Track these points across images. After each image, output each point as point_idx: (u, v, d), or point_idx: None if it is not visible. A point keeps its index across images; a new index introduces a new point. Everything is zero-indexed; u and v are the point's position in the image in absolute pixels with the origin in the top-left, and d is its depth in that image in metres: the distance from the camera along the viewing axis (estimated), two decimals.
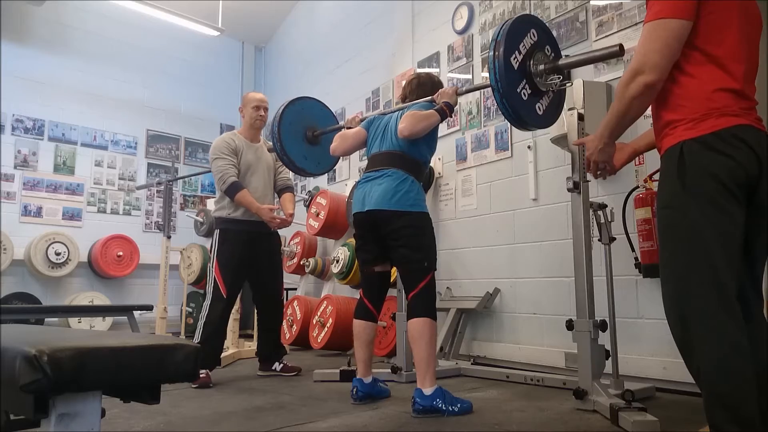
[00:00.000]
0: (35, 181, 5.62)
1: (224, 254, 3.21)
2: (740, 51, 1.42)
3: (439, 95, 2.51)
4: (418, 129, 2.40)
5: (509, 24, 2.04)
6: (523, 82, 2.06)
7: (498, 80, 1.98)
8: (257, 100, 3.40)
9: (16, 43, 5.58)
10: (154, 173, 6.36)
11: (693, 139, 1.38)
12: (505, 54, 1.98)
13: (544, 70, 2.08)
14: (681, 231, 1.39)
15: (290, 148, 3.07)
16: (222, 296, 3.15)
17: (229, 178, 3.17)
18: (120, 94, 6.22)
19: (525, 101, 2.05)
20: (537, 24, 2.17)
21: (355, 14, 5.59)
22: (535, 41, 2.10)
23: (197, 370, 1.11)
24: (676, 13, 1.39)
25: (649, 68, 1.40)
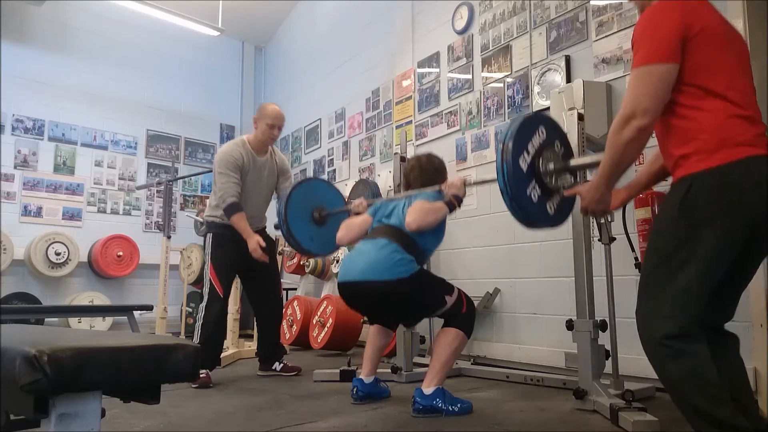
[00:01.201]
0: (35, 181, 5.62)
1: (218, 256, 3.23)
2: (738, 80, 1.45)
3: (447, 186, 2.45)
4: (427, 223, 2.33)
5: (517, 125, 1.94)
6: (533, 183, 1.96)
7: (506, 183, 1.89)
8: (273, 118, 3.29)
9: (16, 43, 5.58)
10: (154, 173, 6.36)
11: (705, 170, 1.37)
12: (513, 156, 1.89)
13: (554, 170, 1.98)
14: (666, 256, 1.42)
15: (297, 231, 3.04)
16: (219, 296, 3.15)
17: (228, 198, 3.15)
18: (120, 94, 6.22)
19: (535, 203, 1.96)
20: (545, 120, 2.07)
21: (355, 14, 5.59)
22: (544, 139, 2.01)
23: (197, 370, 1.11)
24: (661, 57, 1.41)
25: (640, 113, 1.41)
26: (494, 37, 3.96)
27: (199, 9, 5.92)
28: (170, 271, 4.73)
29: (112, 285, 5.90)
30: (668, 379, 1.41)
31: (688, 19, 1.42)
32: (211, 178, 7.07)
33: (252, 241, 3.16)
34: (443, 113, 4.33)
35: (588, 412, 2.27)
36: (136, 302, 4.92)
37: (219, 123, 7.06)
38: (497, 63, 3.92)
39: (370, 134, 5.18)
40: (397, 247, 2.30)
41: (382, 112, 5.04)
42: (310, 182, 3.32)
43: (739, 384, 1.37)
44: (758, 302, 2.36)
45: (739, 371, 1.40)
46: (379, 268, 2.26)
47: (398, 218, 2.44)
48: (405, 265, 2.27)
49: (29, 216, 5.53)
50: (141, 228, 6.22)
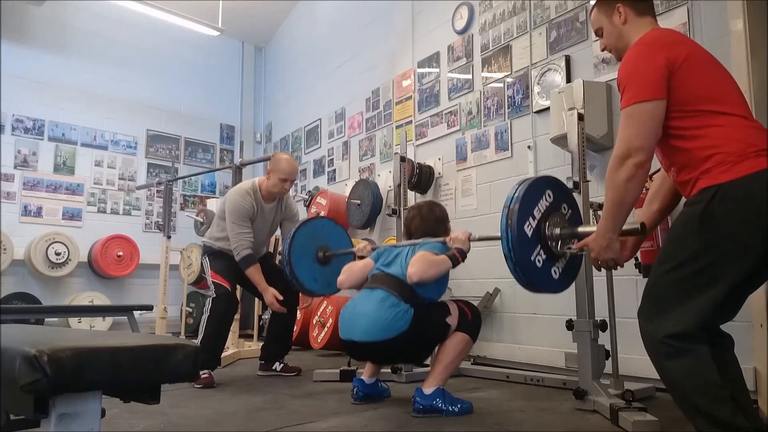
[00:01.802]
0: (35, 181, 5.61)
1: (218, 264, 3.26)
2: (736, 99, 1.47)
3: (451, 240, 2.44)
4: (428, 276, 2.31)
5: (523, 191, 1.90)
6: (538, 248, 1.92)
7: (511, 249, 1.86)
8: (286, 173, 3.27)
9: (16, 43, 5.58)
10: (154, 173, 6.36)
11: (731, 182, 1.36)
12: (518, 222, 1.85)
13: (560, 235, 1.95)
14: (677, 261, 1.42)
15: (300, 272, 3.02)
16: (227, 290, 3.15)
17: (243, 251, 3.18)
18: (120, 94, 6.22)
19: (539, 268, 1.91)
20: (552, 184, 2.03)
21: (355, 14, 5.59)
22: (551, 202, 1.97)
23: (197, 370, 1.11)
24: (648, 95, 1.44)
25: (635, 150, 1.44)
26: (494, 37, 3.96)
27: (199, 9, 5.92)
28: (170, 271, 4.73)
29: (112, 285, 5.90)
30: (669, 379, 1.41)
31: (670, 53, 1.46)
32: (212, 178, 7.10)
33: (268, 295, 3.20)
34: (443, 113, 4.33)
35: (588, 412, 2.27)
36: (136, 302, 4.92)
37: (219, 123, 7.06)
38: (497, 63, 3.92)
39: (370, 134, 5.18)
40: (395, 300, 2.28)
41: (382, 112, 5.05)
42: (315, 221, 3.28)
43: (737, 384, 1.37)
44: (758, 302, 2.36)
45: (736, 371, 1.40)
46: (379, 328, 2.25)
47: (400, 267, 2.41)
48: (402, 317, 2.25)
49: (29, 216, 5.53)
50: (141, 228, 6.22)
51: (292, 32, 6.90)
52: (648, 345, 1.47)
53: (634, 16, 1.64)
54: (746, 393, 1.39)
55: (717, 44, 2.60)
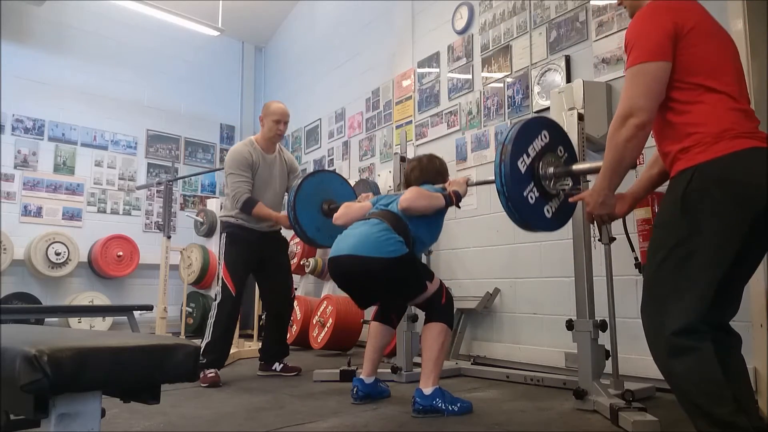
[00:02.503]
0: (35, 181, 5.61)
1: (232, 255, 3.23)
2: (732, 76, 1.47)
3: (450, 183, 2.48)
4: (419, 205, 2.33)
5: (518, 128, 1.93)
6: (531, 186, 1.96)
7: (503, 184, 1.89)
8: (278, 114, 3.33)
9: (16, 43, 5.58)
10: (154, 173, 6.36)
11: (707, 162, 1.38)
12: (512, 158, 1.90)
13: (554, 174, 1.98)
14: (669, 251, 1.42)
15: (304, 220, 3.04)
16: (231, 294, 3.16)
17: (242, 196, 3.18)
18: (120, 94, 6.22)
19: (532, 205, 1.95)
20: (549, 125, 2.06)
21: (355, 14, 5.59)
22: (547, 143, 2.00)
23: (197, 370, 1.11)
24: (654, 56, 1.44)
25: (637, 111, 1.44)
26: (494, 37, 3.96)
27: (199, 9, 5.92)
28: (170, 271, 4.72)
29: (112, 285, 5.90)
30: (672, 376, 1.40)
31: (678, 18, 1.45)
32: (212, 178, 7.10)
33: (284, 220, 3.19)
34: (443, 113, 4.33)
35: (588, 412, 2.27)
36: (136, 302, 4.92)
37: (219, 123, 7.06)
38: (497, 63, 3.92)
39: (370, 134, 5.18)
40: (387, 227, 2.31)
41: (382, 112, 5.04)
42: (323, 174, 3.32)
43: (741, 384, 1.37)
44: (758, 302, 2.36)
45: (741, 371, 1.39)
46: (368, 245, 2.26)
47: (393, 204, 2.47)
48: (394, 245, 2.26)
49: (29, 216, 5.53)
50: (141, 228, 6.22)
51: (292, 32, 6.90)
52: (651, 342, 1.46)
53: None
54: (750, 393, 1.39)
55: None
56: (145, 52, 6.45)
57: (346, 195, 3.28)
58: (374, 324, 2.65)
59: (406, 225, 2.35)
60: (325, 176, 3.31)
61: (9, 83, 5.43)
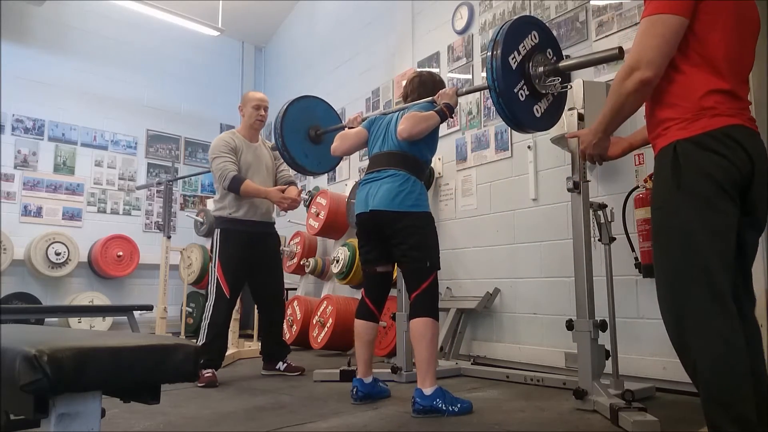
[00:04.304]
0: (35, 181, 5.61)
1: (226, 254, 3.21)
2: (733, 52, 1.43)
3: (439, 96, 2.50)
4: (418, 130, 2.39)
5: (509, 24, 2.01)
6: (521, 83, 2.03)
7: (495, 80, 1.96)
8: (257, 99, 3.38)
9: (16, 43, 5.58)
10: (154, 173, 6.36)
11: (686, 139, 1.39)
12: (503, 54, 1.96)
13: (543, 72, 2.05)
14: (674, 231, 1.40)
15: (292, 145, 3.05)
16: (225, 296, 3.15)
17: (229, 174, 3.15)
18: (120, 94, 6.22)
19: (522, 102, 2.02)
20: (539, 25, 2.14)
21: (355, 14, 5.59)
22: (536, 43, 2.07)
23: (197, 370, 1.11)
24: (674, 9, 1.39)
25: (645, 64, 1.40)
26: None
27: (199, 9, 5.92)
28: (170, 271, 4.73)
29: (112, 285, 5.90)
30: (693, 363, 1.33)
31: None
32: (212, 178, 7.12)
33: (274, 194, 3.19)
34: None
35: (588, 412, 2.27)
36: (136, 302, 4.92)
37: (219, 123, 7.05)
38: None
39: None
40: (405, 175, 2.43)
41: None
42: (307, 99, 3.27)
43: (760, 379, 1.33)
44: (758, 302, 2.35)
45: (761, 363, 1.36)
46: (394, 198, 2.39)
47: (392, 135, 2.53)
48: (419, 197, 2.43)
49: (29, 216, 5.53)
50: (141, 228, 6.22)
51: (292, 32, 6.90)
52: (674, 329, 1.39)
53: None
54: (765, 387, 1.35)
55: None
56: (145, 52, 6.45)
57: (331, 119, 3.30)
58: (357, 322, 2.62)
59: (413, 157, 2.48)
60: (310, 102, 3.27)
61: (9, 83, 5.43)
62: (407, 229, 2.41)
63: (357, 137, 2.68)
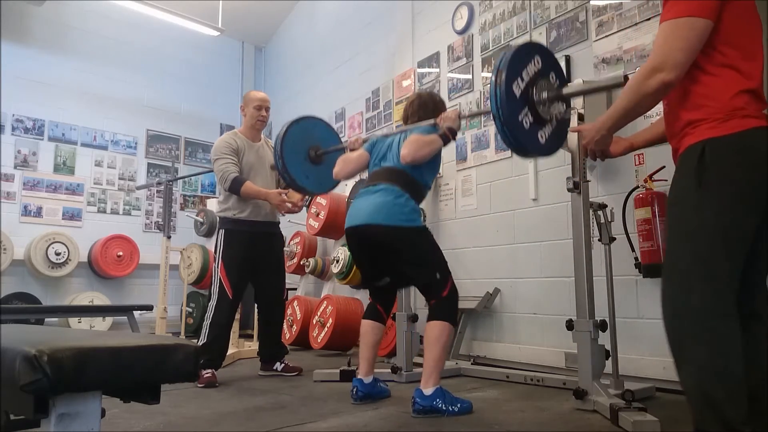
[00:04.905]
0: (35, 181, 5.62)
1: (229, 254, 3.21)
2: (755, 52, 1.43)
3: (441, 119, 2.46)
4: (421, 155, 2.36)
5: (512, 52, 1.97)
6: (525, 110, 1.99)
7: (499, 108, 1.92)
8: (259, 99, 3.37)
9: (16, 43, 5.58)
10: (154, 173, 6.36)
11: (717, 137, 1.36)
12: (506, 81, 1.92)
13: (547, 98, 2.01)
14: (689, 228, 1.38)
15: (292, 167, 3.03)
16: (227, 296, 3.15)
17: (230, 175, 3.16)
18: (120, 94, 6.22)
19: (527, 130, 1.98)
20: (541, 50, 2.10)
21: (355, 14, 5.59)
22: (539, 68, 2.03)
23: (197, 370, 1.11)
24: (702, 12, 1.37)
25: (670, 66, 1.37)
26: (494, 37, 3.96)
27: (199, 9, 5.92)
28: (170, 271, 4.73)
29: (112, 285, 5.90)
30: (688, 362, 1.33)
31: None
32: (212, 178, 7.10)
33: (274, 197, 3.18)
34: None
35: (588, 412, 2.27)
36: (136, 302, 4.92)
37: (219, 123, 7.06)
38: None
39: (371, 134, 5.18)
40: (399, 191, 2.38)
41: (382, 112, 5.05)
42: (307, 120, 3.25)
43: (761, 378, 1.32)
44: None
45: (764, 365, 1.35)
46: (385, 213, 2.34)
47: (394, 156, 2.49)
48: (410, 213, 2.36)
49: (29, 216, 5.53)
50: (141, 228, 6.22)
51: (292, 32, 6.90)
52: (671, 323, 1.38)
53: None
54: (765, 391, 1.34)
55: None
56: (145, 52, 6.45)
57: (331, 139, 3.28)
58: (364, 322, 2.64)
59: (412, 178, 2.43)
60: (309, 122, 3.25)
61: (9, 83, 5.43)
62: (403, 246, 2.36)
63: (358, 161, 2.65)
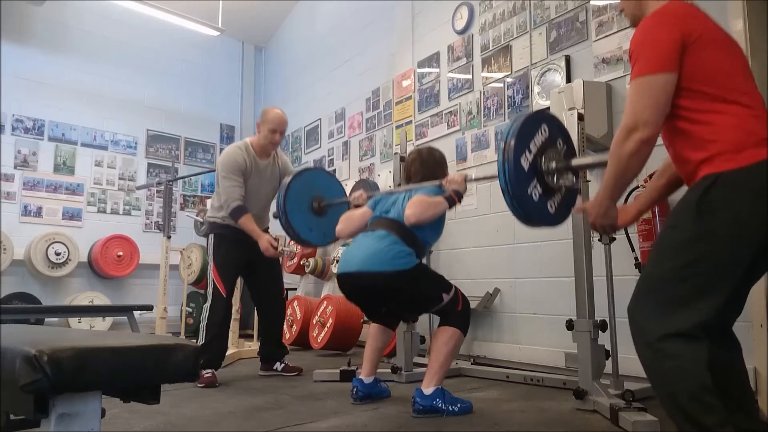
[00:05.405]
0: (35, 181, 5.61)
1: (221, 256, 3.24)
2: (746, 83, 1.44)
3: (447, 182, 2.44)
4: (426, 217, 2.33)
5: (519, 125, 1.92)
6: (534, 182, 1.94)
7: (508, 182, 1.88)
8: (275, 123, 3.26)
9: (16, 43, 5.58)
10: (154, 173, 6.36)
11: (733, 170, 1.34)
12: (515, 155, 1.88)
13: (555, 169, 1.97)
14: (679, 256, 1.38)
15: (295, 221, 3.02)
16: (222, 296, 3.17)
17: (233, 203, 3.15)
18: (120, 94, 6.22)
19: (536, 202, 1.94)
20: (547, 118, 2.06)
21: (355, 14, 5.59)
22: (547, 137, 1.99)
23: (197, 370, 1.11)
24: (662, 67, 1.40)
25: (642, 125, 1.40)
26: (494, 37, 3.96)
27: (199, 9, 5.92)
28: (170, 271, 4.72)
29: (112, 285, 5.90)
30: (660, 378, 1.37)
31: (684, 26, 1.42)
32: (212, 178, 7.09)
33: (263, 241, 3.16)
34: (443, 113, 4.33)
35: (588, 412, 2.27)
36: (136, 302, 4.92)
37: (219, 123, 7.06)
38: (497, 63, 3.92)
39: (370, 134, 5.18)
40: (395, 239, 2.32)
41: (382, 112, 5.05)
42: (309, 172, 3.28)
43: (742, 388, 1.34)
44: (758, 302, 2.36)
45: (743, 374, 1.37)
46: (378, 260, 2.27)
47: (397, 212, 2.44)
48: (404, 257, 2.29)
49: (29, 216, 5.53)
50: (141, 228, 6.22)
51: (292, 32, 6.90)
52: (641, 341, 1.42)
53: None
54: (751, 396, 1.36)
55: None
56: (145, 52, 6.45)
57: (334, 190, 3.27)
58: (374, 325, 2.66)
59: (412, 233, 2.36)
60: (312, 173, 3.27)
61: (9, 83, 5.43)
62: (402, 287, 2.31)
63: (362, 219, 2.60)
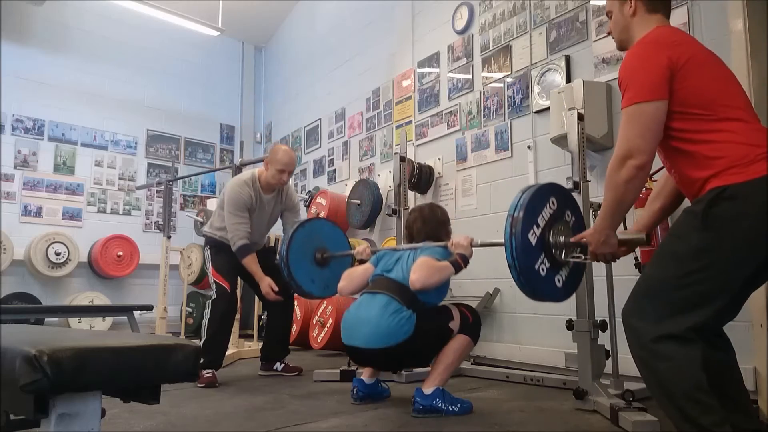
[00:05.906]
0: (35, 181, 5.61)
1: (219, 261, 3.27)
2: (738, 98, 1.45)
3: (453, 245, 2.41)
4: (431, 282, 2.30)
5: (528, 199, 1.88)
6: (542, 257, 1.90)
7: (515, 258, 1.84)
8: (284, 164, 3.25)
9: (16, 43, 5.58)
10: (154, 173, 6.36)
11: (741, 183, 1.35)
12: (522, 231, 1.84)
13: (563, 243, 1.93)
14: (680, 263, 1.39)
15: (298, 273, 3.01)
16: (226, 290, 3.17)
17: (239, 241, 3.17)
18: (120, 94, 6.22)
19: (543, 277, 1.89)
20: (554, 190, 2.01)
21: (355, 14, 5.59)
22: (555, 210, 1.95)
23: (197, 370, 1.11)
24: (649, 95, 1.43)
25: (636, 152, 1.43)
26: (494, 37, 3.96)
27: (199, 9, 5.92)
28: (170, 271, 4.73)
29: (112, 285, 5.90)
30: (656, 379, 1.39)
31: (672, 53, 1.44)
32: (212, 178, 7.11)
33: (264, 285, 3.19)
34: (443, 113, 4.33)
35: (588, 412, 2.27)
36: (136, 302, 4.92)
37: (219, 123, 7.06)
38: (497, 63, 3.92)
39: (370, 134, 5.18)
40: (398, 306, 2.28)
41: (382, 112, 5.04)
42: (313, 222, 3.30)
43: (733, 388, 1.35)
44: (758, 302, 2.36)
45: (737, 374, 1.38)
46: (382, 335, 2.25)
47: (402, 272, 2.39)
48: (406, 323, 2.25)
49: (29, 216, 5.53)
50: (141, 228, 6.22)
51: (292, 32, 6.90)
52: (636, 343, 1.43)
53: (644, 11, 1.62)
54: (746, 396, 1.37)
55: (717, 44, 2.59)
56: (145, 52, 6.45)
57: (338, 240, 3.23)
58: None
59: (414, 295, 2.32)
60: (315, 224, 3.28)
61: (9, 83, 5.44)
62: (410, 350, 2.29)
63: (363, 277, 2.57)
